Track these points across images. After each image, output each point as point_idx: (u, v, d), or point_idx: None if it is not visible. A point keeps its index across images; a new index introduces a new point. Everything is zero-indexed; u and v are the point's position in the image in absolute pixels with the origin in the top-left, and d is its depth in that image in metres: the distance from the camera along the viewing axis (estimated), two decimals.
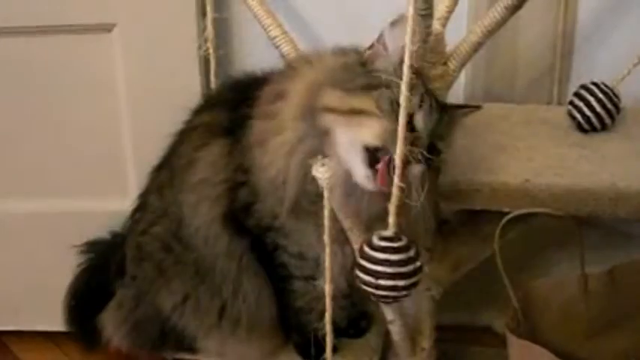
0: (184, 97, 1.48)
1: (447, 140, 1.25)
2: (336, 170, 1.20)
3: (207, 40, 1.66)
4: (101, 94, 1.73)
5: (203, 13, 1.65)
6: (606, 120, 1.58)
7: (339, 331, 1.43)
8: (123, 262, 1.54)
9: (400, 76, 1.09)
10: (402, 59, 1.08)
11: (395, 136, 1.11)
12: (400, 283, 1.15)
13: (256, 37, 1.62)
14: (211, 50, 1.66)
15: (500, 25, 1.36)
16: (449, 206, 1.44)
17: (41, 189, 1.79)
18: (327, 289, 1.26)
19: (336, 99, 1.19)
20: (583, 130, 1.59)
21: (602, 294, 1.41)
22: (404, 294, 1.17)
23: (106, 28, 1.67)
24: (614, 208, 1.39)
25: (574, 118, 1.60)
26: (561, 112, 1.65)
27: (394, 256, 1.15)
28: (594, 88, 1.59)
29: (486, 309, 1.80)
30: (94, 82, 1.72)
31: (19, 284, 1.83)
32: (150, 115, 1.68)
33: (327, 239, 1.23)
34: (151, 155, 1.49)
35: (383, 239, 1.16)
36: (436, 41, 1.37)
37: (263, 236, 1.38)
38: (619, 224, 1.75)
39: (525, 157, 1.50)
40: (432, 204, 1.34)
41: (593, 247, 1.40)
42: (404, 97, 1.07)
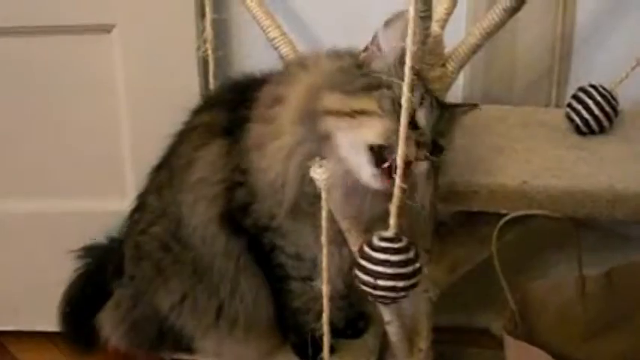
0: (183, 98, 1.48)
1: (448, 137, 1.25)
2: (336, 172, 1.19)
3: (206, 41, 1.66)
4: (100, 94, 1.73)
5: (202, 14, 1.65)
6: (604, 123, 1.58)
7: (336, 332, 1.43)
8: (121, 263, 1.54)
9: (398, 76, 1.09)
10: (398, 58, 1.09)
11: (398, 135, 1.11)
12: (399, 284, 1.15)
13: (255, 38, 1.62)
14: (210, 51, 1.67)
15: (499, 28, 1.36)
16: (446, 208, 1.44)
17: (40, 189, 1.79)
18: (325, 289, 1.26)
19: (337, 101, 1.19)
20: (581, 133, 1.59)
21: (599, 296, 1.41)
22: (402, 295, 1.16)
23: (106, 28, 1.68)
24: (611, 210, 1.39)
25: (572, 120, 1.60)
26: (559, 114, 1.65)
27: (394, 257, 1.14)
28: (592, 90, 1.59)
29: (484, 311, 1.80)
30: (93, 82, 1.72)
31: (17, 284, 1.83)
32: (149, 116, 1.69)
33: (324, 240, 1.23)
34: (150, 156, 1.49)
35: (383, 240, 1.16)
36: (435, 43, 1.38)
37: (260, 236, 1.38)
38: (616, 226, 1.75)
39: (523, 159, 1.50)
40: (431, 205, 1.35)
41: (590, 249, 1.40)
42: (405, 97, 1.07)
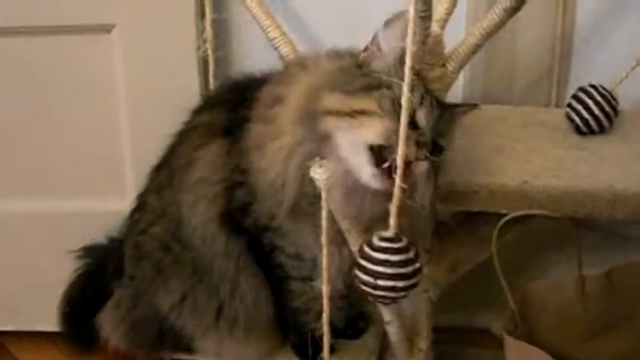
0: (183, 98, 1.48)
1: (448, 137, 1.25)
2: (336, 172, 1.19)
3: (206, 41, 1.66)
4: (100, 94, 1.73)
5: (202, 14, 1.65)
6: (604, 123, 1.58)
7: (336, 332, 1.43)
8: (121, 263, 1.54)
9: (398, 76, 1.09)
10: (398, 58, 1.09)
11: (398, 135, 1.11)
12: (399, 284, 1.14)
13: (255, 38, 1.62)
14: (210, 51, 1.66)
15: (499, 28, 1.36)
16: (446, 208, 1.44)
17: (39, 189, 1.79)
18: (325, 289, 1.26)
19: (337, 101, 1.19)
20: (581, 133, 1.59)
21: (599, 296, 1.41)
22: (402, 295, 1.16)
23: (106, 28, 1.68)
24: (611, 210, 1.39)
25: (572, 120, 1.60)
26: (559, 114, 1.65)
27: (394, 257, 1.14)
28: (592, 90, 1.59)
29: (484, 311, 1.80)
30: (93, 82, 1.72)
31: (17, 284, 1.83)
32: (148, 116, 1.68)
33: (324, 240, 1.22)
34: (150, 156, 1.49)
35: (383, 240, 1.16)
36: (435, 43, 1.37)
37: (260, 236, 1.38)
38: (616, 226, 1.75)
39: (523, 159, 1.50)
40: (430, 205, 1.35)
41: (590, 249, 1.40)
42: (405, 97, 1.07)
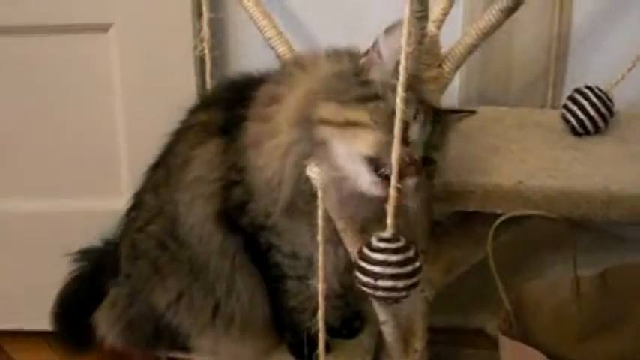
0: (180, 97, 1.48)
1: (442, 151, 1.25)
2: (330, 177, 1.20)
3: (202, 41, 1.66)
4: (97, 93, 1.73)
5: (199, 13, 1.66)
6: (600, 124, 1.59)
7: (332, 331, 1.43)
8: (117, 262, 1.54)
9: (395, 87, 1.09)
10: (397, 68, 1.08)
11: (389, 148, 1.12)
12: (399, 283, 1.15)
13: (252, 38, 1.62)
14: (207, 51, 1.67)
15: (495, 28, 1.36)
16: (442, 208, 1.45)
17: (35, 188, 1.79)
18: (320, 287, 1.26)
19: (332, 111, 1.19)
20: (576, 134, 1.60)
21: (594, 297, 1.41)
22: (404, 295, 1.16)
23: (103, 28, 1.68)
24: (606, 210, 1.40)
25: (568, 121, 1.60)
26: (555, 115, 1.65)
27: (393, 257, 1.14)
28: (588, 91, 1.60)
29: (479, 311, 1.80)
30: (90, 81, 1.72)
31: (14, 284, 1.83)
32: (145, 115, 1.69)
33: (320, 238, 1.23)
34: (146, 155, 1.49)
35: (382, 240, 1.16)
36: (431, 43, 1.38)
37: (256, 235, 1.37)
38: (611, 227, 1.75)
39: (519, 160, 1.50)
40: (425, 207, 1.35)
41: (585, 250, 1.41)
42: (399, 109, 1.08)
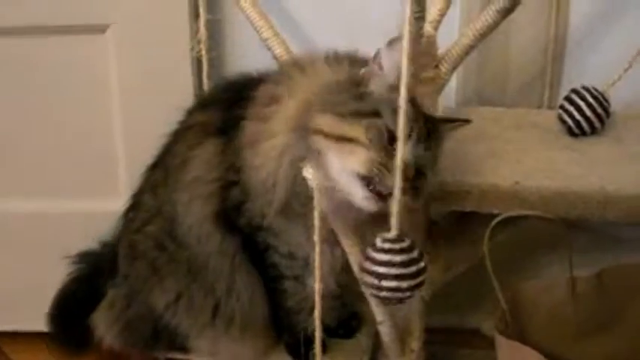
0: (177, 98, 1.48)
1: (435, 168, 1.25)
2: (324, 186, 1.20)
3: (200, 42, 1.66)
4: (95, 94, 1.73)
5: (196, 14, 1.65)
6: (596, 124, 1.59)
7: (329, 331, 1.44)
8: (115, 263, 1.54)
9: (392, 103, 1.09)
10: (397, 80, 1.08)
11: (381, 167, 1.13)
12: (403, 284, 1.14)
13: (249, 38, 1.62)
14: (204, 52, 1.67)
15: (492, 29, 1.36)
16: (439, 208, 1.45)
17: (34, 189, 1.79)
18: (317, 287, 1.26)
19: (327, 123, 1.19)
20: (573, 134, 1.60)
21: (590, 297, 1.41)
22: (408, 295, 1.16)
23: (100, 29, 1.68)
24: (602, 211, 1.39)
25: (564, 122, 1.60)
26: (552, 116, 1.65)
27: (397, 258, 1.14)
28: (585, 92, 1.59)
29: (475, 311, 1.80)
30: (87, 82, 1.72)
31: (12, 284, 1.83)
32: (142, 116, 1.69)
33: (316, 238, 1.23)
34: (144, 155, 1.49)
35: (386, 241, 1.15)
36: (428, 44, 1.38)
37: (254, 235, 1.38)
38: (607, 227, 1.75)
39: (515, 160, 1.50)
40: (422, 207, 1.35)
41: (581, 250, 1.41)
42: (401, 131, 1.08)
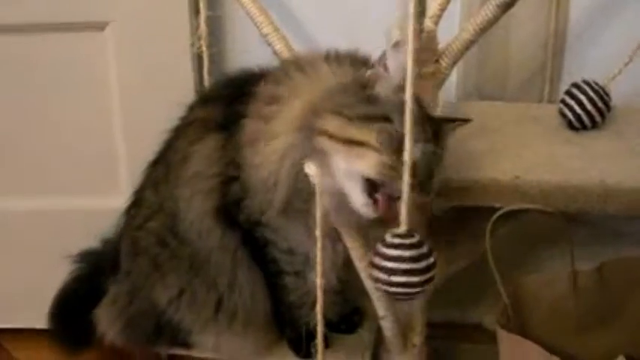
0: (177, 95, 1.48)
1: (441, 165, 1.24)
2: (327, 186, 1.20)
3: (200, 38, 1.66)
4: (94, 91, 1.73)
5: (196, 10, 1.66)
6: (597, 118, 1.59)
7: (331, 326, 1.44)
8: (117, 259, 1.54)
9: (401, 107, 1.09)
10: (403, 81, 1.08)
11: (392, 171, 1.13)
12: (413, 279, 1.14)
13: (249, 34, 1.62)
14: (204, 48, 1.67)
15: (493, 23, 1.36)
16: (440, 203, 1.44)
17: (34, 187, 1.80)
18: (319, 282, 1.26)
19: (336, 126, 1.18)
20: (574, 128, 1.60)
21: (591, 290, 1.42)
22: (417, 291, 1.15)
23: (100, 26, 1.68)
24: (603, 204, 1.40)
25: (565, 116, 1.60)
26: (552, 110, 1.65)
27: (407, 253, 1.14)
28: (585, 86, 1.60)
29: (477, 306, 1.81)
30: (87, 79, 1.72)
31: (14, 282, 1.84)
32: (143, 113, 1.69)
33: (318, 233, 1.22)
34: (144, 152, 1.49)
35: (396, 236, 1.15)
36: (428, 39, 1.38)
37: (253, 231, 1.38)
38: (608, 221, 1.75)
39: (516, 154, 1.50)
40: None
41: (582, 244, 1.41)
42: (408, 135, 1.09)
